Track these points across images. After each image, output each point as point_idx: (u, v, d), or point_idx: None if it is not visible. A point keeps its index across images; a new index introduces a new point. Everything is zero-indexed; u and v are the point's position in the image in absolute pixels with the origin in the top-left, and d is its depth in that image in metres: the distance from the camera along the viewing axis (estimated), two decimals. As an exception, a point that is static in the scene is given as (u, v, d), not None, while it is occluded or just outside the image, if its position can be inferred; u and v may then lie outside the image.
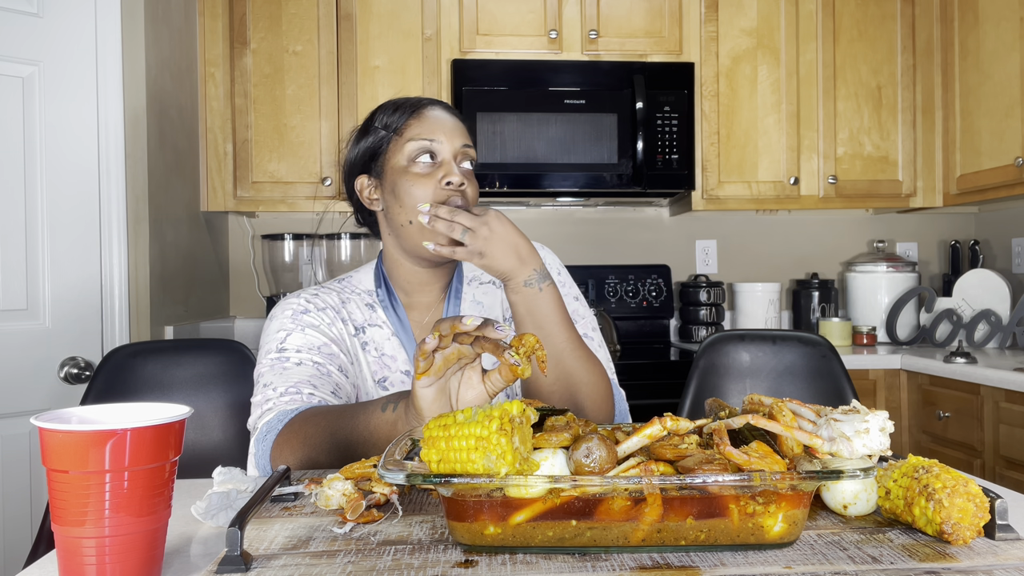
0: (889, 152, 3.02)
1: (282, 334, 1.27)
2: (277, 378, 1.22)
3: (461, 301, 1.36)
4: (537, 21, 2.88)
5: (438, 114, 1.29)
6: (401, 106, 1.30)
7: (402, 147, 1.26)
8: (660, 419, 0.81)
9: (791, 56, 2.97)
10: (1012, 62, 2.60)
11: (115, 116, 2.23)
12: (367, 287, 1.37)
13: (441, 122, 1.27)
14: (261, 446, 1.15)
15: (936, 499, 0.76)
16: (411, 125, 1.27)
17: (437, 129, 1.26)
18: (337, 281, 1.40)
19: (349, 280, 1.39)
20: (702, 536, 0.75)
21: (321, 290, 1.35)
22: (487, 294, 1.39)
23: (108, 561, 0.67)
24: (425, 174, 1.24)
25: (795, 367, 1.95)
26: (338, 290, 1.37)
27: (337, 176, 2.83)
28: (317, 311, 1.30)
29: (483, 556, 0.75)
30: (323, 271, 3.07)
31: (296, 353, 1.24)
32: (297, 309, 1.30)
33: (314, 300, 1.32)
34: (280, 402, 1.18)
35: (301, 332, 1.27)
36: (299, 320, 1.28)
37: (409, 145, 1.25)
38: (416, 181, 1.23)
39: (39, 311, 2.12)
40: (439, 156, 1.25)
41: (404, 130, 1.27)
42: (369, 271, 1.39)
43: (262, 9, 2.81)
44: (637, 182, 2.80)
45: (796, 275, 3.37)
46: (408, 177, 1.24)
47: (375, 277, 1.37)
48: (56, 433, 0.66)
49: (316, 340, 1.26)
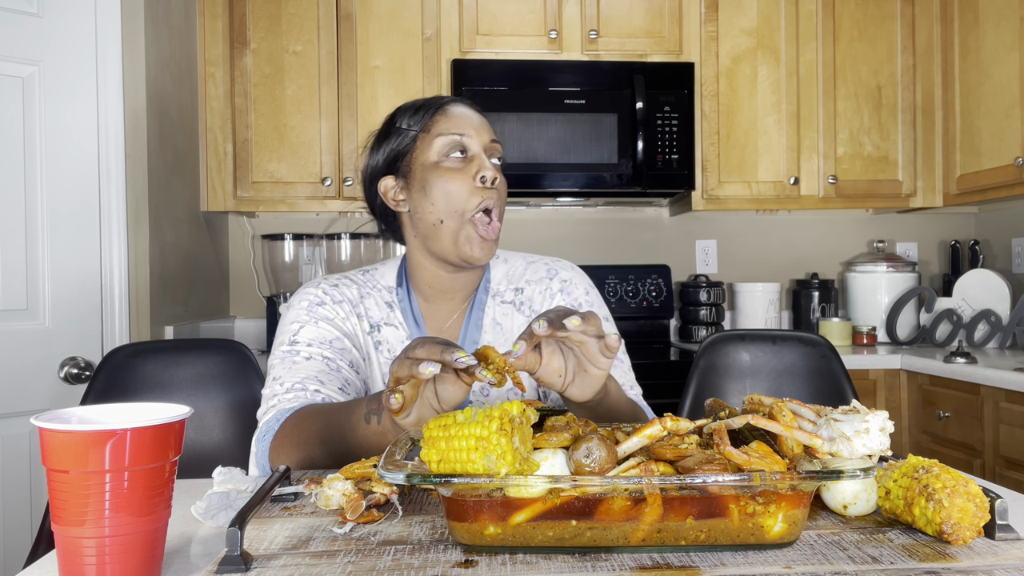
0: (889, 152, 3.02)
1: (295, 326, 1.27)
2: (286, 372, 1.22)
3: (483, 315, 1.33)
4: (537, 21, 2.88)
5: (464, 110, 1.27)
6: (424, 105, 1.28)
7: (431, 143, 1.23)
8: (660, 419, 0.81)
9: (791, 56, 2.97)
10: (1012, 62, 2.60)
11: (115, 116, 2.23)
12: (388, 283, 1.35)
13: (468, 117, 1.26)
14: (260, 445, 1.15)
15: (936, 499, 0.76)
16: (438, 121, 1.25)
17: (466, 124, 1.24)
18: (361, 272, 1.37)
19: (372, 273, 1.37)
20: (702, 536, 0.75)
21: (342, 280, 1.34)
22: (507, 316, 1.35)
23: (108, 561, 0.67)
24: (457, 169, 1.22)
25: (795, 367, 1.95)
26: (360, 283, 1.34)
27: (337, 176, 2.83)
28: (333, 304, 1.29)
29: (483, 556, 0.75)
30: (323, 271, 3.07)
31: (307, 347, 1.24)
32: (313, 301, 1.29)
33: (332, 292, 1.31)
34: (284, 399, 1.18)
35: (314, 325, 1.26)
36: (314, 312, 1.28)
37: (439, 141, 1.23)
38: (450, 177, 1.21)
39: (39, 311, 2.12)
40: (470, 151, 1.23)
41: (431, 126, 1.24)
42: (393, 267, 1.37)
43: (262, 9, 2.81)
44: (637, 182, 2.80)
45: (796, 275, 3.37)
46: (439, 172, 1.22)
47: (398, 275, 1.35)
48: (56, 433, 0.66)
49: (328, 334, 1.26)
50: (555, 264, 1.40)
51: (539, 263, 1.40)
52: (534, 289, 1.36)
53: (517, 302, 1.35)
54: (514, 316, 1.34)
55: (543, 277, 1.37)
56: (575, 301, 1.35)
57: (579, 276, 1.38)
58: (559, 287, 1.36)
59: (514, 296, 1.36)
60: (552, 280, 1.37)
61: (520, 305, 1.35)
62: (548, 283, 1.36)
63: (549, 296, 1.35)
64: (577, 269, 1.40)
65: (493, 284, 1.36)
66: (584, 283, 1.38)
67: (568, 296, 1.35)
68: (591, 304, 1.35)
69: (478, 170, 1.21)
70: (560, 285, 1.36)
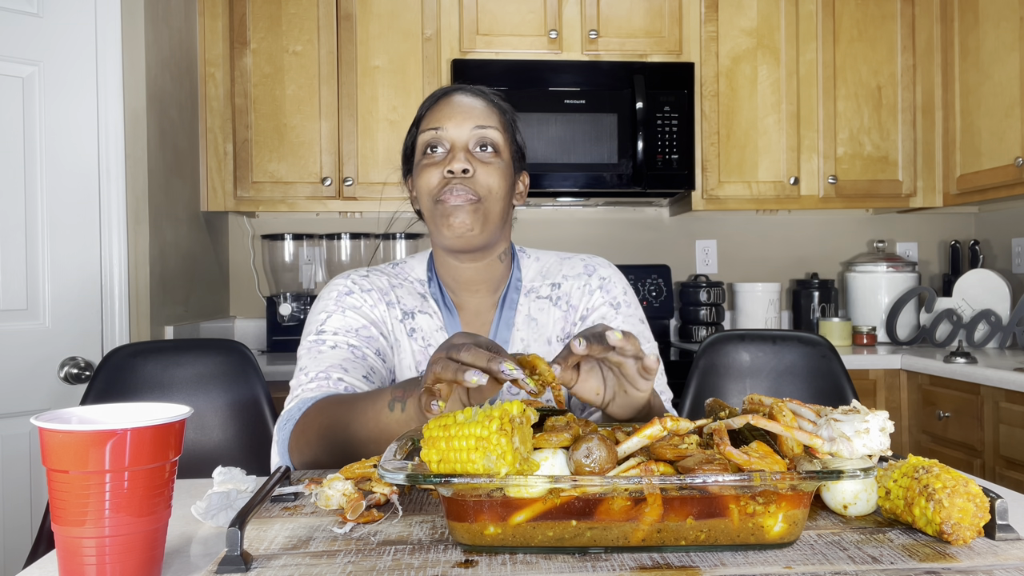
0: (889, 152, 3.02)
1: (323, 315, 1.28)
2: (311, 362, 1.22)
3: (516, 313, 1.32)
4: (537, 21, 2.88)
5: (456, 99, 1.25)
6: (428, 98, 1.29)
7: (419, 140, 1.26)
8: (660, 419, 0.81)
9: (791, 56, 2.97)
10: (1012, 62, 2.60)
11: (115, 116, 2.23)
12: (419, 276, 1.35)
13: (454, 107, 1.24)
14: (282, 434, 1.16)
15: (936, 499, 0.76)
16: (426, 117, 1.26)
17: (446, 117, 1.23)
18: (391, 266, 1.38)
19: (403, 266, 1.37)
20: (702, 536, 0.75)
21: (373, 272, 1.35)
22: (543, 311, 1.33)
23: (108, 561, 0.67)
24: (433, 164, 1.22)
25: (795, 367, 1.95)
26: (390, 275, 1.35)
27: (337, 176, 2.83)
28: (362, 292, 1.30)
29: (483, 556, 0.75)
30: (323, 271, 3.08)
31: (333, 336, 1.24)
32: (342, 291, 1.30)
33: (360, 282, 1.31)
34: (307, 388, 1.19)
35: (341, 314, 1.27)
36: (342, 302, 1.29)
37: (420, 137, 1.25)
38: (422, 172, 1.23)
39: (39, 311, 2.12)
40: (446, 143, 1.23)
41: (421, 122, 1.26)
42: (422, 260, 1.37)
43: (262, 9, 2.81)
44: (637, 182, 2.80)
45: (796, 275, 3.37)
46: (419, 169, 1.24)
47: (427, 268, 1.36)
48: (56, 433, 0.66)
49: (355, 322, 1.26)
50: (592, 260, 1.39)
51: (575, 259, 1.39)
52: (572, 284, 1.36)
53: (554, 297, 1.34)
54: (551, 311, 1.34)
55: (581, 273, 1.37)
56: (613, 299, 1.34)
57: (617, 274, 1.38)
58: (598, 284, 1.35)
59: (551, 291, 1.35)
60: (591, 276, 1.36)
61: (557, 300, 1.34)
62: (587, 279, 1.36)
63: (588, 292, 1.35)
64: (613, 267, 1.39)
65: (525, 282, 1.35)
66: (622, 282, 1.37)
67: (607, 294, 1.34)
68: (628, 304, 1.34)
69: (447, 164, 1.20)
70: (599, 282, 1.36)
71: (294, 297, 2.94)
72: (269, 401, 1.79)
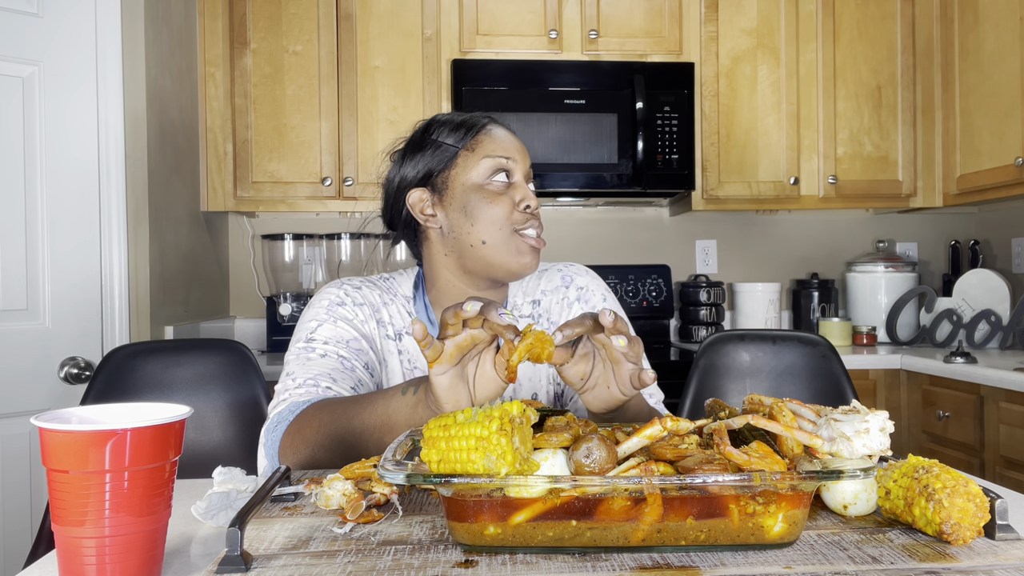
0: (889, 152, 3.02)
1: (314, 324, 1.27)
2: (300, 368, 1.22)
3: None
4: (537, 21, 2.88)
5: (507, 134, 1.28)
6: (466, 122, 1.27)
7: (476, 164, 1.23)
8: (660, 419, 0.81)
9: (791, 56, 2.97)
10: (1012, 62, 2.60)
11: (115, 116, 2.23)
12: (407, 293, 1.34)
13: (512, 142, 1.27)
14: (271, 436, 1.15)
15: (936, 499, 0.76)
16: (483, 142, 1.25)
17: (512, 148, 1.25)
18: (381, 279, 1.37)
19: (392, 281, 1.36)
20: (702, 536, 0.75)
21: (365, 284, 1.34)
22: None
23: (108, 561, 0.67)
24: (500, 193, 1.22)
25: (795, 367, 1.95)
26: (382, 289, 1.34)
27: (337, 176, 2.83)
28: (354, 306, 1.29)
29: (483, 556, 0.75)
30: (323, 271, 3.08)
31: (323, 345, 1.24)
32: (334, 300, 1.29)
33: (353, 294, 1.31)
34: (295, 393, 1.18)
35: (333, 324, 1.26)
36: (333, 312, 1.28)
37: (485, 162, 1.23)
38: (493, 200, 1.22)
39: (39, 311, 2.12)
40: (514, 176, 1.24)
41: (476, 146, 1.24)
42: (410, 277, 1.36)
43: (262, 9, 2.81)
44: (637, 182, 2.80)
45: (796, 275, 3.37)
46: (483, 195, 1.22)
47: (414, 287, 1.34)
48: (56, 433, 0.66)
49: (346, 334, 1.26)
50: (568, 270, 1.39)
51: (552, 271, 1.39)
52: (551, 300, 1.36)
53: (535, 315, 1.34)
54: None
55: (559, 286, 1.36)
56: (593, 309, 1.34)
57: (595, 281, 1.38)
58: (576, 295, 1.35)
59: (532, 309, 1.35)
60: (568, 288, 1.36)
61: (538, 318, 1.34)
62: (564, 292, 1.36)
63: (567, 305, 1.35)
64: (591, 273, 1.39)
65: (511, 299, 1.35)
66: (600, 289, 1.37)
67: (586, 304, 1.34)
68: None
69: (523, 198, 1.22)
70: (577, 293, 1.35)
71: (294, 297, 2.94)
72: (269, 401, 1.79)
